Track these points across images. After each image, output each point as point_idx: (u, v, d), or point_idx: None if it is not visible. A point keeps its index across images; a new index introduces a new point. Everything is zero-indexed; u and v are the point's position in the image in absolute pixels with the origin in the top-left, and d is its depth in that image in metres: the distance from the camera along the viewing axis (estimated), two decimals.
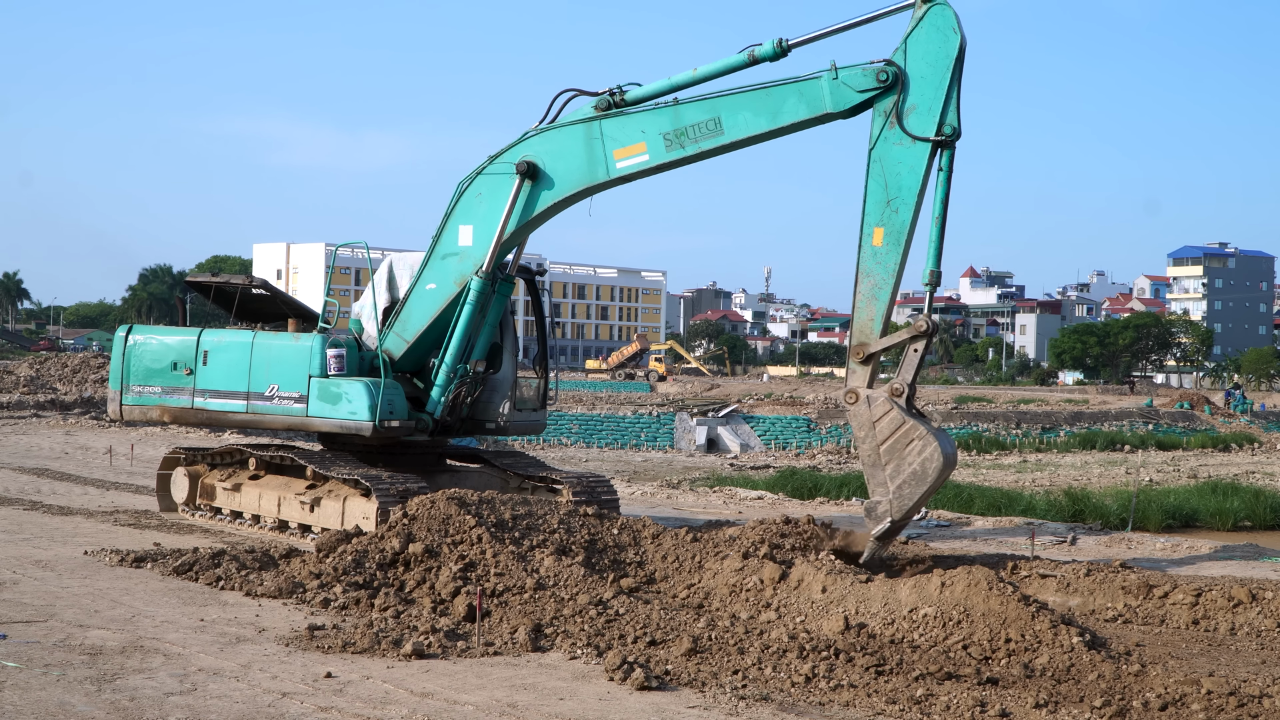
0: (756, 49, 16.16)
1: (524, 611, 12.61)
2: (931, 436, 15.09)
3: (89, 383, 51.84)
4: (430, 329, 17.94)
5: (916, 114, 15.24)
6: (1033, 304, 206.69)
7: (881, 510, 14.99)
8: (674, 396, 74.30)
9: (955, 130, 15.20)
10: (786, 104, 15.83)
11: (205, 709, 9.24)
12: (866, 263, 15.41)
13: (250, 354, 18.30)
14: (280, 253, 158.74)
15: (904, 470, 15.05)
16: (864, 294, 15.48)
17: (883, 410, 15.21)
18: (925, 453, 15.00)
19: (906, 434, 15.14)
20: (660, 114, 16.45)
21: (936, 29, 15.25)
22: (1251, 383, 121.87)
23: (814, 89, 15.71)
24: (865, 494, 31.84)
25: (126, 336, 19.40)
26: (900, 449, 15.08)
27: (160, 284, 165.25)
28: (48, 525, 18.69)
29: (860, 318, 15.53)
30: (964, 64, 15.26)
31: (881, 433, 15.20)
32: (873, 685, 10.44)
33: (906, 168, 15.25)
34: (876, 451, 15.20)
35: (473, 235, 17.60)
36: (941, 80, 15.21)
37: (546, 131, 17.16)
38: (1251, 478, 42.53)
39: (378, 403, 17.28)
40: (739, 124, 16.03)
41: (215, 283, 19.65)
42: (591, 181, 16.97)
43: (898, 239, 15.24)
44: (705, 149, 16.23)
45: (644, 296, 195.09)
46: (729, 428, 60.66)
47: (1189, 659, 12.42)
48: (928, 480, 14.98)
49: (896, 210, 15.25)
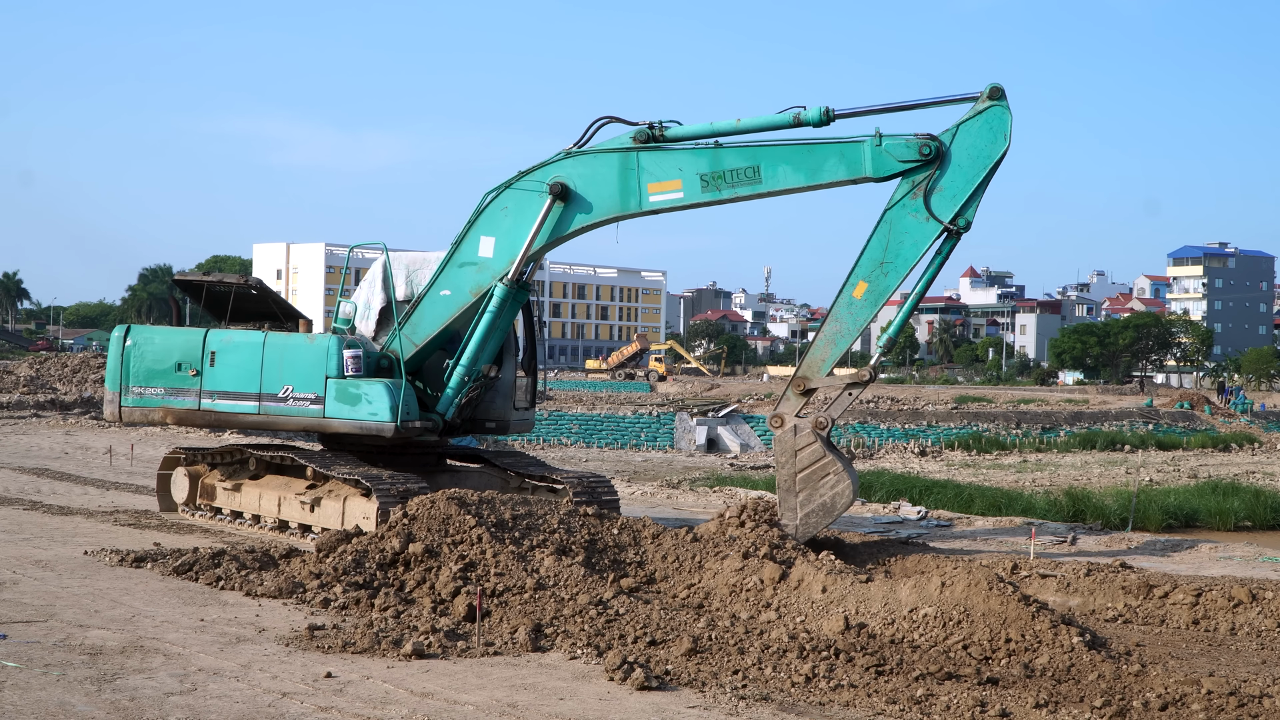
0: (802, 113, 16.58)
1: (524, 611, 12.61)
2: (845, 474, 16.51)
3: (89, 383, 51.84)
4: (441, 334, 18.05)
5: (940, 196, 15.99)
6: (1033, 304, 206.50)
7: (789, 531, 15.92)
8: (674, 396, 74.33)
9: (968, 224, 16.04)
10: (827, 164, 16.34)
11: (205, 709, 9.24)
12: (840, 309, 16.51)
13: (262, 354, 18.02)
14: (280, 253, 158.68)
15: (815, 500, 16.46)
16: (827, 335, 16.71)
17: (806, 441, 16.54)
18: (838, 488, 16.42)
19: (824, 467, 16.49)
20: (700, 155, 16.76)
21: (990, 128, 15.97)
22: (1251, 383, 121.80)
23: (856, 153, 16.26)
24: (866, 493, 32.06)
25: (124, 337, 18.94)
26: (815, 480, 16.48)
27: (160, 284, 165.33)
28: (48, 525, 18.69)
29: (814, 354, 16.75)
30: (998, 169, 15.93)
31: (801, 461, 16.54)
32: (873, 685, 10.44)
33: (911, 240, 16.10)
34: (794, 478, 16.57)
35: (494, 247, 17.72)
36: (976, 175, 15.95)
37: (582, 155, 17.30)
38: (1251, 478, 42.50)
39: (399, 403, 17.30)
40: (777, 176, 16.45)
41: (206, 282, 19.39)
42: (623, 211, 17.22)
43: (876, 299, 16.24)
44: (740, 194, 16.63)
45: (644, 296, 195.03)
46: (729, 428, 60.65)
47: (1189, 659, 12.42)
48: (834, 512, 16.48)
49: (886, 274, 16.17)
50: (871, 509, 26.18)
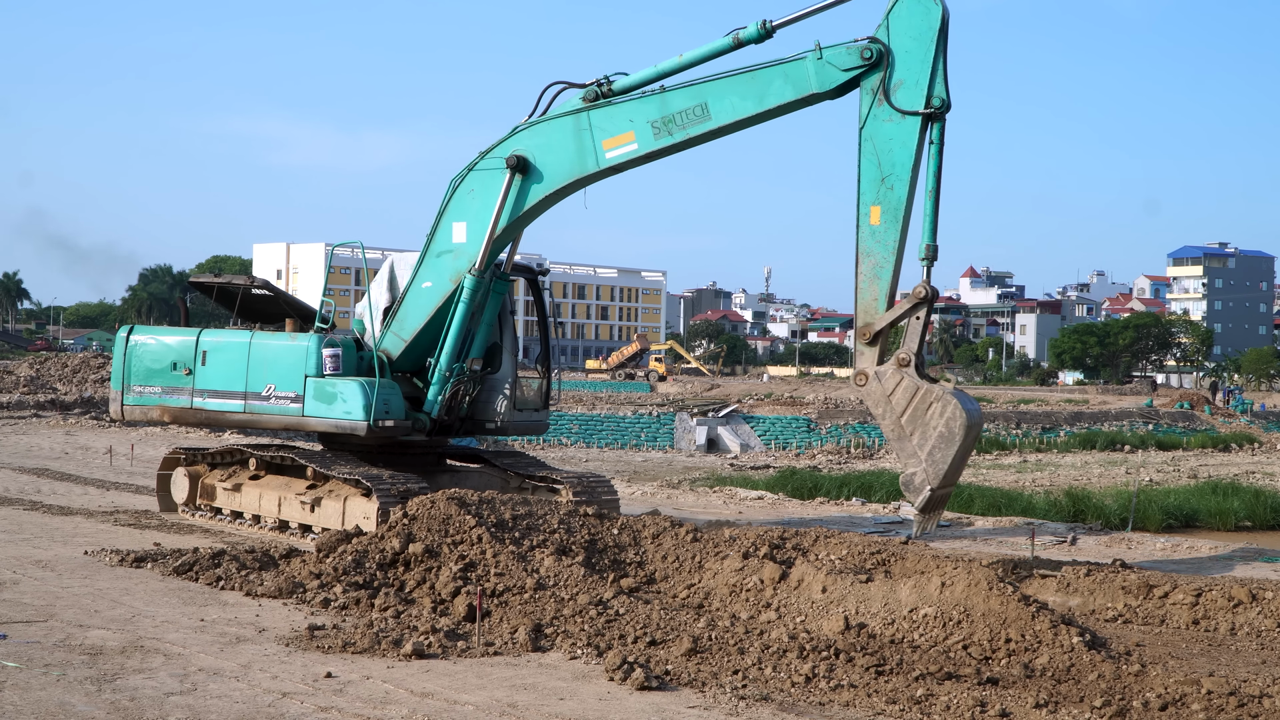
0: (741, 32, 16.11)
1: (524, 611, 12.61)
2: (950, 396, 14.92)
3: (89, 383, 51.83)
4: (428, 327, 17.93)
5: (904, 89, 15.23)
6: (1033, 304, 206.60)
7: (919, 480, 14.74)
8: (674, 396, 74.27)
9: (944, 102, 15.21)
10: (772, 86, 15.80)
11: (205, 709, 9.24)
12: (865, 242, 15.36)
13: (248, 354, 18.37)
14: (280, 253, 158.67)
15: (930, 435, 14.80)
16: (865, 274, 15.40)
17: (894, 381, 15.08)
18: (947, 412, 14.78)
19: (924, 399, 14.89)
20: (647, 102, 16.42)
21: (917, 2, 15.27)
22: (1251, 383, 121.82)
23: (799, 70, 15.69)
24: (866, 493, 32.03)
25: (127, 337, 19.54)
26: (921, 415, 14.84)
27: (160, 284, 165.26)
28: (48, 525, 18.69)
29: (863, 298, 15.43)
30: (948, 35, 15.26)
31: (898, 404, 14.99)
32: (873, 685, 10.44)
33: (898, 143, 15.24)
34: (898, 424, 15.01)
35: (466, 232, 17.56)
36: (926, 53, 15.19)
37: (536, 125, 17.12)
38: (1251, 478, 42.50)
39: (372, 402, 17.30)
40: (726, 108, 16.00)
41: (218, 283, 19.69)
42: (582, 173, 16.95)
43: (895, 215, 15.20)
44: (693, 135, 16.19)
45: (644, 296, 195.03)
46: (729, 428, 60.64)
47: (1189, 659, 12.41)
48: (956, 438, 14.73)
49: (892, 187, 15.22)
50: (871, 509, 26.20)
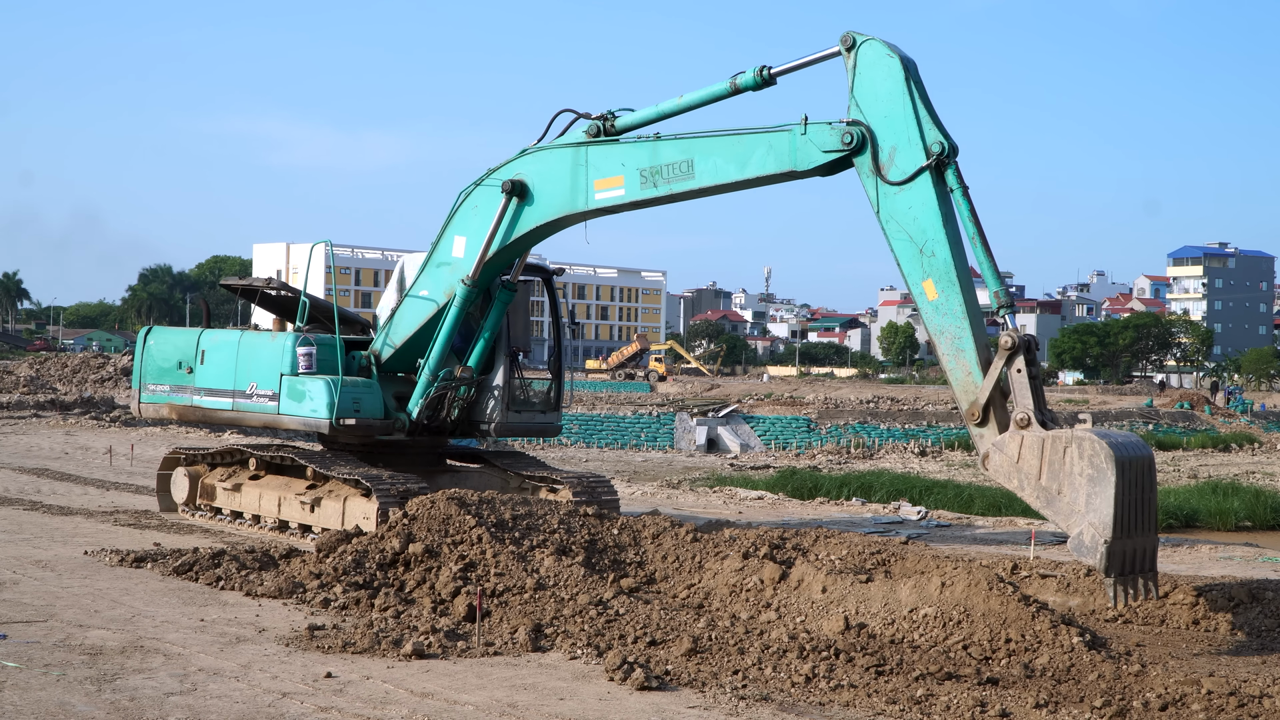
0: (739, 78, 15.26)
1: (524, 611, 12.61)
2: (1083, 433, 12.70)
3: (89, 383, 51.87)
4: (417, 335, 17.94)
5: (900, 152, 13.94)
6: (1033, 304, 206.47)
7: (1089, 538, 12.35)
8: (674, 396, 74.33)
9: (944, 146, 13.80)
10: (755, 154, 14.86)
11: (205, 709, 9.24)
12: (932, 321, 13.73)
13: (237, 353, 18.82)
14: (280, 253, 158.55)
15: (1079, 483, 12.53)
16: (948, 353, 13.68)
17: (1015, 446, 13.00)
18: (1086, 451, 12.49)
19: (1054, 448, 12.72)
20: (640, 148, 15.79)
21: (873, 66, 14.09)
22: (1251, 383, 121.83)
23: (782, 142, 14.68)
24: (866, 493, 32.03)
25: (146, 337, 20.33)
26: (1059, 468, 12.69)
27: (160, 284, 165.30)
28: (48, 525, 18.70)
29: (956, 378, 13.59)
30: (921, 79, 14.09)
31: (1030, 467, 12.90)
32: (873, 685, 10.43)
33: (920, 208, 13.81)
34: (1040, 488, 12.84)
35: (465, 247, 17.42)
36: (905, 111, 13.91)
37: (540, 151, 16.79)
38: (1251, 478, 42.54)
39: (335, 400, 17.45)
40: (709, 169, 15.19)
41: (241, 285, 20.17)
42: (571, 210, 16.49)
43: (950, 280, 13.62)
44: (676, 191, 15.45)
45: (644, 296, 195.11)
46: (729, 428, 60.67)
47: (1189, 659, 12.42)
48: (1109, 476, 12.33)
49: (933, 254, 13.71)
50: (871, 509, 26.21)
